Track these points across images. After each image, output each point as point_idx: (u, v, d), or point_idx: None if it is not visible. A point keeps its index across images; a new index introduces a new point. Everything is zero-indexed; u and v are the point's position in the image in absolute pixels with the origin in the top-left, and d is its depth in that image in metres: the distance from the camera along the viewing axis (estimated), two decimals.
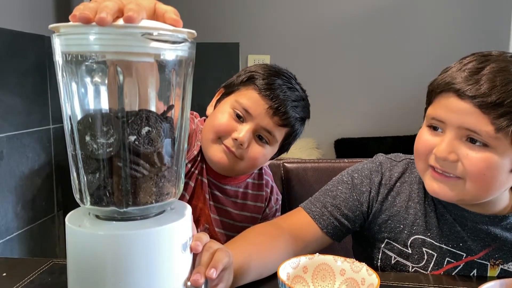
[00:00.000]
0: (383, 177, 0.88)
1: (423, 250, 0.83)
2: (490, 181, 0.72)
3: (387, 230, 0.85)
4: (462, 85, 0.71)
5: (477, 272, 0.81)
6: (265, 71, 0.94)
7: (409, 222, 0.84)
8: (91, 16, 0.46)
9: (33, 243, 1.66)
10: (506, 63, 0.71)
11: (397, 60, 2.71)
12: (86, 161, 0.51)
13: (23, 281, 0.72)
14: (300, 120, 0.95)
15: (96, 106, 0.52)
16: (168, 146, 0.53)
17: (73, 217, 0.54)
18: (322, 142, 2.81)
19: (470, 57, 0.75)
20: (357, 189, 0.88)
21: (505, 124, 0.68)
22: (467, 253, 0.81)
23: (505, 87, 0.68)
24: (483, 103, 0.69)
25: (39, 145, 1.67)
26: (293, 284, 0.66)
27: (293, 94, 0.93)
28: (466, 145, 0.72)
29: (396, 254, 0.84)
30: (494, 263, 0.80)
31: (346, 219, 0.86)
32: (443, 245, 0.82)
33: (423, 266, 0.83)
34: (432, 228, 0.83)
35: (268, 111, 0.89)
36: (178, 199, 0.59)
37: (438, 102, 0.76)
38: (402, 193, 0.86)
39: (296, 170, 1.22)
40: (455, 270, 0.81)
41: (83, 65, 0.50)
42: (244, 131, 0.89)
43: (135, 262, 0.50)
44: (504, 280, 0.61)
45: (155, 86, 0.54)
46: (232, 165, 0.91)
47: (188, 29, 0.52)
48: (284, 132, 0.94)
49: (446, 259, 0.82)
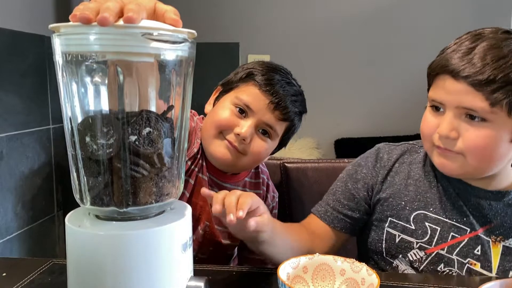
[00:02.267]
0: (381, 160, 0.92)
1: (426, 225, 0.84)
2: (491, 153, 0.76)
3: (389, 208, 0.88)
4: (455, 66, 0.74)
5: (481, 249, 0.81)
6: (263, 67, 0.95)
7: (409, 199, 0.87)
8: (91, 17, 0.46)
9: (33, 243, 1.66)
10: (497, 40, 0.74)
11: (397, 60, 2.71)
12: (86, 162, 0.51)
13: (23, 281, 0.72)
14: (299, 114, 0.97)
15: (96, 107, 0.52)
16: (168, 146, 0.53)
17: (73, 217, 0.54)
18: (322, 142, 2.80)
19: (464, 36, 0.78)
20: (352, 179, 0.93)
21: (499, 98, 0.72)
22: (471, 228, 0.82)
23: (496, 64, 0.72)
24: (476, 81, 0.72)
25: (39, 145, 1.67)
26: (293, 284, 0.66)
27: (291, 89, 0.95)
28: (466, 122, 0.76)
29: (400, 232, 0.86)
30: (495, 239, 0.81)
31: (349, 209, 0.91)
32: (447, 219, 0.84)
33: (427, 241, 0.84)
34: (434, 203, 0.85)
35: (269, 106, 0.91)
36: (178, 199, 0.59)
37: (436, 85, 0.80)
38: (401, 173, 0.90)
39: (296, 170, 1.22)
40: (459, 245, 0.82)
41: (83, 65, 0.50)
42: (246, 126, 0.90)
43: (135, 262, 0.50)
44: (504, 280, 0.61)
45: (155, 86, 0.54)
46: (235, 160, 0.92)
47: (188, 29, 0.52)
48: (284, 126, 0.95)
49: (450, 233, 0.83)
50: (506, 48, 0.73)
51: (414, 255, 0.85)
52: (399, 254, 0.86)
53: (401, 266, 0.86)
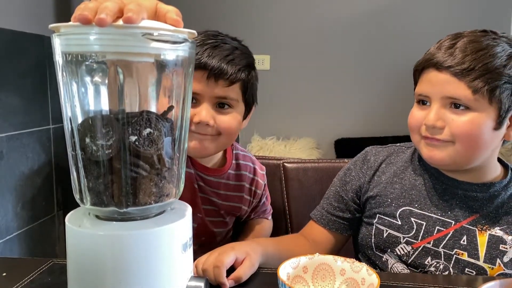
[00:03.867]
0: (368, 162, 0.97)
1: (411, 220, 0.88)
2: (476, 139, 0.81)
3: (377, 205, 0.93)
4: (439, 59, 0.81)
5: (467, 238, 0.85)
6: None
7: (395, 196, 0.91)
8: (90, 17, 0.46)
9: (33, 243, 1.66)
10: (476, 36, 0.82)
11: (397, 60, 2.71)
12: (86, 162, 0.51)
13: (23, 281, 0.71)
14: (245, 68, 0.92)
15: (96, 107, 0.52)
16: (168, 146, 0.53)
17: (73, 217, 0.54)
18: (322, 142, 2.81)
19: (445, 37, 0.86)
20: (342, 182, 0.99)
21: (480, 86, 0.78)
22: (455, 220, 0.86)
23: (475, 55, 0.79)
24: (458, 70, 0.79)
25: (39, 145, 1.67)
26: (293, 284, 0.66)
27: (222, 50, 0.89)
28: (451, 111, 0.81)
29: (387, 227, 0.90)
30: (482, 228, 0.85)
31: (340, 210, 0.97)
32: (432, 214, 0.88)
33: (414, 235, 0.87)
34: (419, 199, 0.89)
35: (209, 81, 0.87)
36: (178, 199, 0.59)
37: (422, 80, 0.86)
38: (387, 172, 0.95)
39: (296, 170, 1.22)
40: (445, 238, 0.86)
41: (83, 65, 0.50)
42: (203, 111, 0.88)
43: (135, 263, 0.50)
44: (504, 280, 0.61)
45: (156, 86, 0.54)
46: (211, 145, 0.91)
47: (188, 29, 0.52)
48: (237, 88, 0.91)
49: (436, 227, 0.87)
50: (485, 42, 0.81)
51: (402, 250, 0.88)
52: (387, 249, 0.90)
53: (391, 260, 0.89)
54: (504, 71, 0.78)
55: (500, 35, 0.83)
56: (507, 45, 0.81)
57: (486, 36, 0.82)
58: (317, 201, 1.03)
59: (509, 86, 0.79)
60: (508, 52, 0.80)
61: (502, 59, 0.79)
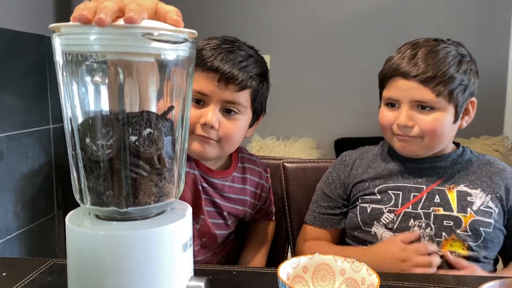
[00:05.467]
0: (345, 161, 1.12)
1: (389, 193, 1.02)
2: (441, 133, 0.98)
3: (357, 190, 1.06)
4: (405, 69, 0.97)
5: (439, 197, 0.99)
6: (204, 46, 0.92)
7: (371, 178, 1.05)
8: (89, 17, 0.45)
9: (33, 243, 1.66)
10: (431, 46, 0.98)
11: None
12: (86, 162, 0.51)
13: (23, 281, 0.71)
14: (257, 76, 0.93)
15: (97, 107, 0.52)
16: (168, 147, 0.53)
17: (73, 217, 0.54)
18: (322, 142, 2.80)
19: (404, 46, 1.02)
20: (326, 184, 1.11)
21: (441, 90, 0.94)
22: (426, 185, 1.01)
23: (436, 64, 0.95)
24: (423, 78, 0.94)
25: (39, 145, 1.67)
26: (293, 284, 0.66)
27: (238, 56, 0.91)
28: (419, 112, 0.97)
29: (369, 203, 1.03)
30: (449, 188, 1.00)
31: (329, 208, 1.09)
32: (406, 184, 1.02)
33: (394, 204, 1.01)
34: (392, 176, 1.04)
35: (220, 84, 0.88)
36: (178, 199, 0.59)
37: (390, 86, 1.01)
38: (362, 165, 1.09)
39: (296, 170, 1.22)
40: (421, 200, 0.99)
41: (83, 65, 0.50)
42: (209, 113, 0.88)
43: (135, 263, 0.50)
44: (504, 280, 0.61)
45: (156, 86, 0.54)
46: (214, 149, 0.91)
47: (188, 29, 0.52)
48: (247, 95, 0.92)
49: (411, 194, 1.01)
50: (440, 51, 0.97)
51: (386, 219, 1.00)
52: (373, 221, 1.01)
53: (378, 231, 1.00)
54: (457, 75, 0.95)
55: (448, 42, 1.00)
56: (454, 51, 0.97)
57: (440, 45, 0.98)
58: None
59: (461, 86, 0.96)
60: (457, 58, 0.97)
61: (454, 64, 0.95)
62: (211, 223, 1.00)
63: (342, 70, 2.76)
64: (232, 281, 0.75)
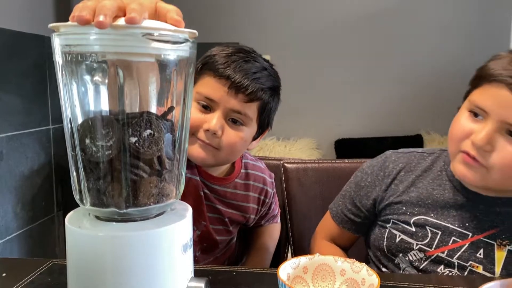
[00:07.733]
0: (386, 169, 0.93)
1: (426, 229, 0.85)
2: None
3: (391, 212, 0.90)
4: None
5: (484, 252, 0.81)
6: (219, 52, 0.90)
7: (410, 203, 0.88)
8: (88, 18, 0.45)
9: (33, 243, 1.66)
10: None
11: (397, 60, 2.71)
12: (86, 162, 0.51)
13: (23, 281, 0.71)
14: (268, 90, 0.91)
15: (96, 107, 0.52)
16: (168, 147, 0.53)
17: (73, 217, 0.54)
18: (322, 142, 2.81)
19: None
20: (357, 186, 0.96)
21: None
22: (473, 233, 0.82)
23: None
24: None
25: (38, 145, 1.67)
26: (293, 285, 0.66)
27: (251, 66, 0.88)
28: (504, 138, 0.74)
29: (400, 232, 0.88)
30: (501, 243, 0.81)
31: (352, 213, 0.97)
32: (449, 224, 0.84)
33: (427, 243, 0.85)
34: (435, 209, 0.85)
35: (229, 92, 0.86)
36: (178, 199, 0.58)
37: (486, 90, 0.76)
38: (405, 181, 0.90)
39: (296, 170, 1.21)
40: (460, 249, 0.82)
41: (83, 65, 0.50)
42: (214, 119, 0.86)
43: (135, 263, 0.50)
44: (504, 280, 0.61)
45: (156, 86, 0.53)
46: (213, 157, 0.89)
47: (189, 29, 0.52)
48: (255, 107, 0.90)
49: (452, 238, 0.83)
50: None
51: (414, 256, 0.85)
52: (399, 253, 0.88)
53: (402, 265, 0.87)
54: None
55: None
56: None
57: None
58: (317, 201, 1.03)
59: None
60: None
61: None
62: (212, 229, 0.99)
63: (343, 70, 2.76)
64: (232, 281, 0.75)
